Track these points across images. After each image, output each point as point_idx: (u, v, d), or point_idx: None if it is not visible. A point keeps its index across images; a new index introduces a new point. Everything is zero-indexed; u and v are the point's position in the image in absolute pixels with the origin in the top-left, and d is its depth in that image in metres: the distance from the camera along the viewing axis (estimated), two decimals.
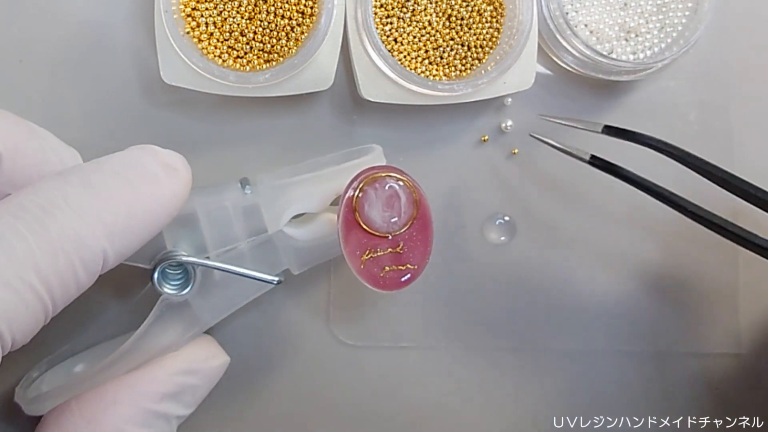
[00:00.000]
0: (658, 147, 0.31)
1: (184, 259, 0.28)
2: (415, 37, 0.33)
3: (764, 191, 0.30)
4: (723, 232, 0.30)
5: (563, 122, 0.32)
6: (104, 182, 0.23)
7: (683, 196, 0.31)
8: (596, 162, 0.31)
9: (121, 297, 0.33)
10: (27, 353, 0.28)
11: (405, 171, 0.29)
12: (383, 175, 0.28)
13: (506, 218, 0.35)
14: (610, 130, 0.31)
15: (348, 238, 0.28)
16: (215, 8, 0.31)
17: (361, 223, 0.28)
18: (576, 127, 0.32)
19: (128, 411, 0.28)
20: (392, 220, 0.28)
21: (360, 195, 0.28)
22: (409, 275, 0.29)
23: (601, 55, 0.33)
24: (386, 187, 0.28)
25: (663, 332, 0.36)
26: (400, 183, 0.28)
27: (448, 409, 0.35)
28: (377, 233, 0.28)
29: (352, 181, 0.28)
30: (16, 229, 0.21)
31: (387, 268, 0.28)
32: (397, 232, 0.28)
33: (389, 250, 0.28)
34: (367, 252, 0.28)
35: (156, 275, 0.28)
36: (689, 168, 0.31)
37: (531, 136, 0.33)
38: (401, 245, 0.28)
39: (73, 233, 0.22)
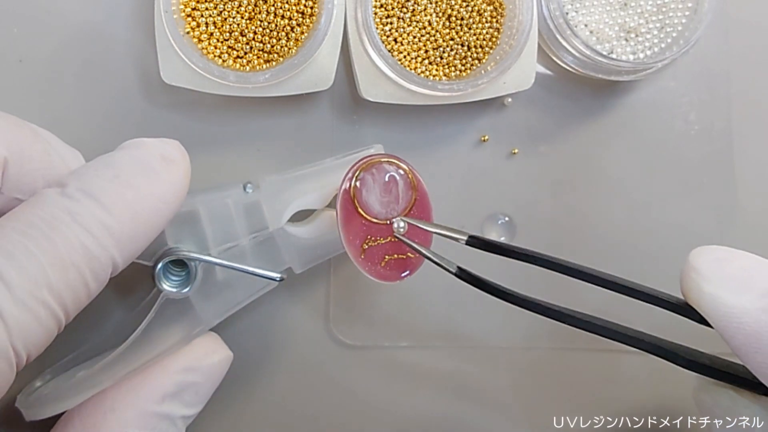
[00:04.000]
0: (520, 257, 0.27)
1: (185, 254, 0.28)
2: (415, 37, 0.33)
3: (638, 284, 0.28)
4: (611, 335, 0.27)
5: (431, 229, 0.29)
6: (105, 189, 0.23)
7: (564, 307, 0.28)
8: (462, 275, 0.28)
9: (126, 303, 0.33)
10: (31, 364, 0.28)
11: (402, 158, 0.29)
12: (380, 160, 0.28)
13: (506, 218, 0.35)
14: (475, 241, 0.28)
15: (347, 226, 0.28)
16: (215, 8, 0.31)
17: (360, 210, 0.28)
18: (442, 234, 0.28)
19: (129, 415, 0.27)
20: (391, 206, 0.28)
21: (357, 182, 0.28)
22: (408, 269, 0.29)
23: (601, 55, 0.33)
24: (383, 173, 0.28)
25: (663, 332, 0.36)
26: (397, 169, 0.28)
27: (447, 409, 0.35)
28: (376, 220, 0.28)
29: (349, 169, 0.28)
30: (26, 247, 0.21)
31: (387, 257, 0.28)
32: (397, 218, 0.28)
33: (389, 238, 0.28)
34: (367, 240, 0.28)
35: (157, 272, 0.28)
36: (557, 272, 0.28)
37: (395, 236, 0.29)
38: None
39: (81, 247, 0.22)
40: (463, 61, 0.33)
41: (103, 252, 0.22)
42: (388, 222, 0.28)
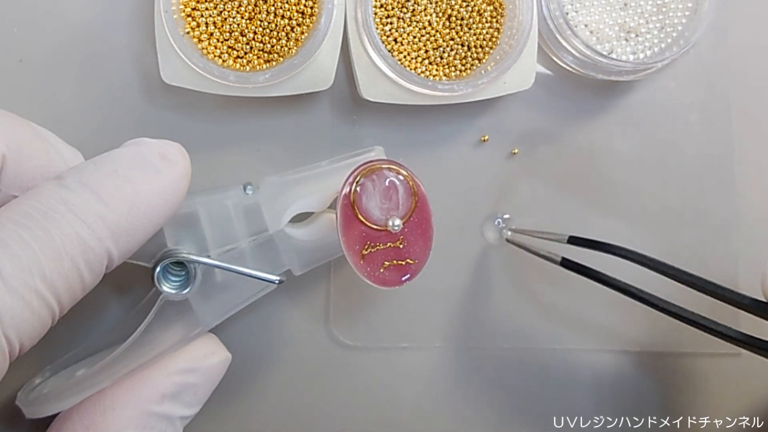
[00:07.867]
0: (621, 254, 0.30)
1: (185, 256, 0.28)
2: (415, 37, 0.33)
3: (731, 290, 0.29)
4: (697, 326, 0.29)
5: (533, 234, 0.33)
6: (103, 182, 0.23)
7: (655, 294, 0.30)
8: (567, 264, 0.31)
9: (126, 302, 0.33)
10: (30, 361, 0.28)
11: (402, 164, 0.29)
12: (380, 167, 0.28)
13: (506, 218, 0.35)
14: (576, 240, 0.31)
15: (347, 231, 0.28)
16: (215, 8, 0.31)
17: (360, 216, 0.28)
18: (543, 238, 0.32)
19: (128, 414, 0.27)
20: (391, 213, 0.28)
21: (357, 187, 0.28)
22: (408, 274, 0.29)
23: (601, 55, 0.33)
24: (383, 179, 0.28)
25: (663, 332, 0.36)
26: (398, 175, 0.28)
27: (447, 409, 0.35)
28: (376, 226, 0.28)
29: (349, 175, 0.28)
30: (20, 236, 0.21)
31: (387, 263, 0.28)
32: None
33: (389, 244, 0.28)
34: (366, 246, 0.28)
35: (156, 273, 0.28)
36: (654, 271, 0.30)
37: (507, 241, 0.34)
38: (401, 239, 0.28)
39: (76, 237, 0.22)
40: (463, 61, 0.33)
41: (99, 243, 0.22)
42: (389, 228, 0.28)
